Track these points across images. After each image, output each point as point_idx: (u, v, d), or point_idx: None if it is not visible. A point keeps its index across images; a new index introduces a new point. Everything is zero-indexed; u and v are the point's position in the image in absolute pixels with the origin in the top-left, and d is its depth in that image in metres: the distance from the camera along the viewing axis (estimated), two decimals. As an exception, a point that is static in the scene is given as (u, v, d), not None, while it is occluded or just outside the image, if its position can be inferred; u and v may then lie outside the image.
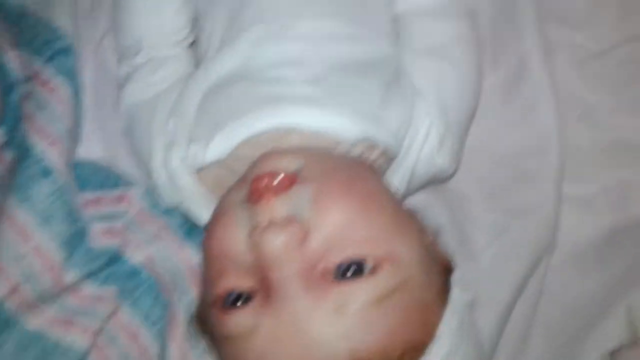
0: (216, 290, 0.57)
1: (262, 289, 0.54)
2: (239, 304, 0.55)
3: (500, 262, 0.76)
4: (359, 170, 0.62)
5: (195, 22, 0.77)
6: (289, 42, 0.67)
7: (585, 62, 0.84)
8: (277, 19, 0.67)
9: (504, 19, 0.83)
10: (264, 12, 0.68)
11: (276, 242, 0.53)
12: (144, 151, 0.71)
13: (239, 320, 0.54)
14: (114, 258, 0.70)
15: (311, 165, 0.59)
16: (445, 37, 0.71)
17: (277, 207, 0.55)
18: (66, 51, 0.74)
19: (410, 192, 0.72)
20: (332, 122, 0.63)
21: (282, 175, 0.57)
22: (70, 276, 0.69)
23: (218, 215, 0.60)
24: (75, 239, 0.69)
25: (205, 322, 0.61)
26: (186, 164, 0.66)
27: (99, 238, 0.71)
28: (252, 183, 0.57)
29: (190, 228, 0.72)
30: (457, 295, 0.59)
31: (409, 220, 0.61)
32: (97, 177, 0.74)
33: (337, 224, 0.55)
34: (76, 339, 0.66)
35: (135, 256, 0.71)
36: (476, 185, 0.80)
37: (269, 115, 0.63)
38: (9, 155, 0.73)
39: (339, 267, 0.54)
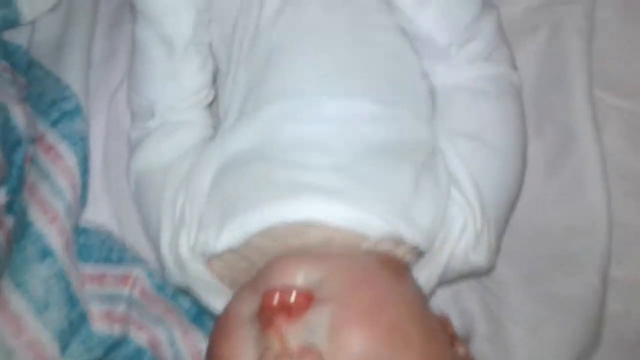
0: None
1: None
2: None
3: (538, 358, 0.69)
4: (385, 286, 0.55)
5: (217, 77, 0.71)
6: (313, 123, 0.61)
7: (638, 132, 0.76)
8: (301, 95, 0.62)
9: (551, 84, 0.76)
10: (287, 87, 0.62)
11: None
12: (151, 225, 0.66)
13: None
14: (114, 344, 0.65)
15: (331, 278, 0.53)
16: (487, 120, 0.64)
17: (289, 335, 0.49)
18: (73, 114, 0.69)
19: (440, 284, 0.65)
20: (357, 218, 0.57)
21: (296, 294, 0.51)
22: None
23: (224, 328, 0.54)
24: (73, 326, 0.65)
25: None
26: (195, 251, 0.60)
27: (99, 322, 0.66)
28: (263, 298, 0.52)
29: (197, 312, 0.67)
30: None
31: (439, 342, 0.55)
32: (102, 249, 0.70)
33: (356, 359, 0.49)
34: None
35: (139, 337, 0.66)
36: (512, 268, 0.73)
37: (288, 207, 0.57)
38: (9, 221, 0.69)
39: None
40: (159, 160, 0.67)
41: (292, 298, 0.51)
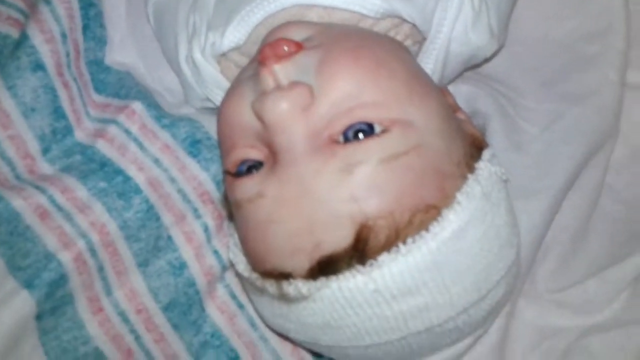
0: (228, 163, 0.56)
1: (270, 156, 0.53)
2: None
3: (552, 149, 0.67)
4: (374, 39, 0.56)
5: None
6: None
7: None
8: None
9: None
10: None
11: (279, 106, 0.51)
12: (171, 48, 0.68)
13: (246, 186, 0.53)
14: (106, 164, 0.67)
15: (320, 33, 0.55)
16: None
17: (280, 73, 0.52)
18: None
19: (447, 77, 0.64)
20: None
21: (287, 42, 0.53)
22: (46, 168, 0.66)
23: (228, 92, 0.58)
24: (57, 134, 0.67)
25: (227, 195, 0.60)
26: (206, 52, 0.62)
27: (93, 138, 0.68)
28: (259, 52, 0.54)
29: (193, 142, 0.68)
30: (484, 167, 0.54)
31: (431, 91, 0.55)
32: (116, 85, 0.71)
33: (344, 90, 0.52)
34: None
35: (138, 176, 0.67)
36: (529, 77, 0.71)
37: None
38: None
39: (346, 130, 0.51)
40: None
41: (285, 47, 0.53)
